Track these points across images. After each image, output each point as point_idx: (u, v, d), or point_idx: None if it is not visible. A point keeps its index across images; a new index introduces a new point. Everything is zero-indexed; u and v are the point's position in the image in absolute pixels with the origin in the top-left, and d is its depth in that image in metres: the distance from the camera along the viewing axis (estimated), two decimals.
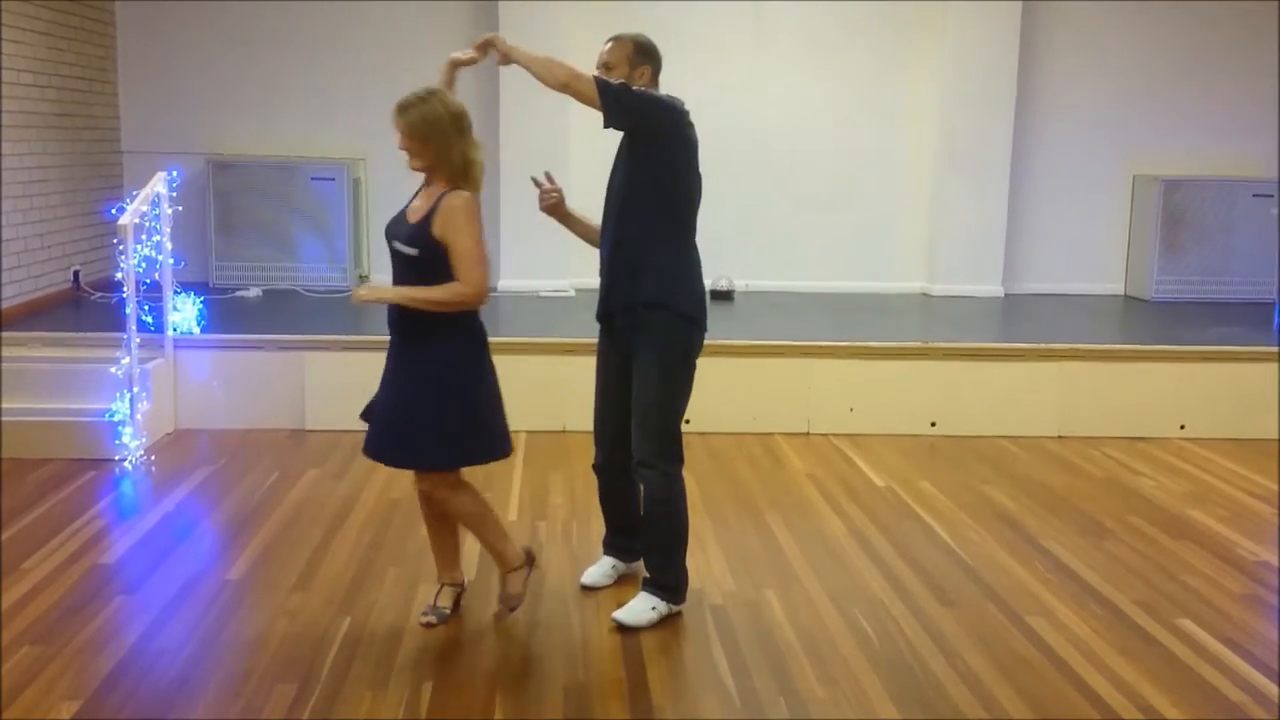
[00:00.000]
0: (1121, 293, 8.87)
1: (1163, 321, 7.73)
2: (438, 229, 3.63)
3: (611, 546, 4.38)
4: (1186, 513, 5.33)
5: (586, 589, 4.27)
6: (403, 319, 3.73)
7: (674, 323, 3.93)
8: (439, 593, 4.04)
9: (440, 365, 3.72)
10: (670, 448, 3.97)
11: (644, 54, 4.00)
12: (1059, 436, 6.58)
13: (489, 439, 3.81)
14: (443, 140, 3.64)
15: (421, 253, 3.66)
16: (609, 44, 4.02)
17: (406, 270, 3.71)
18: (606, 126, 3.87)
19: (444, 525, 4.03)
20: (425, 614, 3.97)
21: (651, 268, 3.91)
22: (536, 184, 4.14)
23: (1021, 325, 7.64)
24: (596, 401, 4.20)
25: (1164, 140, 8.74)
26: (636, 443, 3.97)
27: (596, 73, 3.90)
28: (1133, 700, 3.51)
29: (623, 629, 3.93)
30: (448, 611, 3.99)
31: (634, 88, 3.88)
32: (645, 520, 4.06)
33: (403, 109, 3.65)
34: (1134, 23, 8.64)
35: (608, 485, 4.28)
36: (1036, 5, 8.51)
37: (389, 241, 3.78)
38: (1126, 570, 4.60)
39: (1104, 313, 8.15)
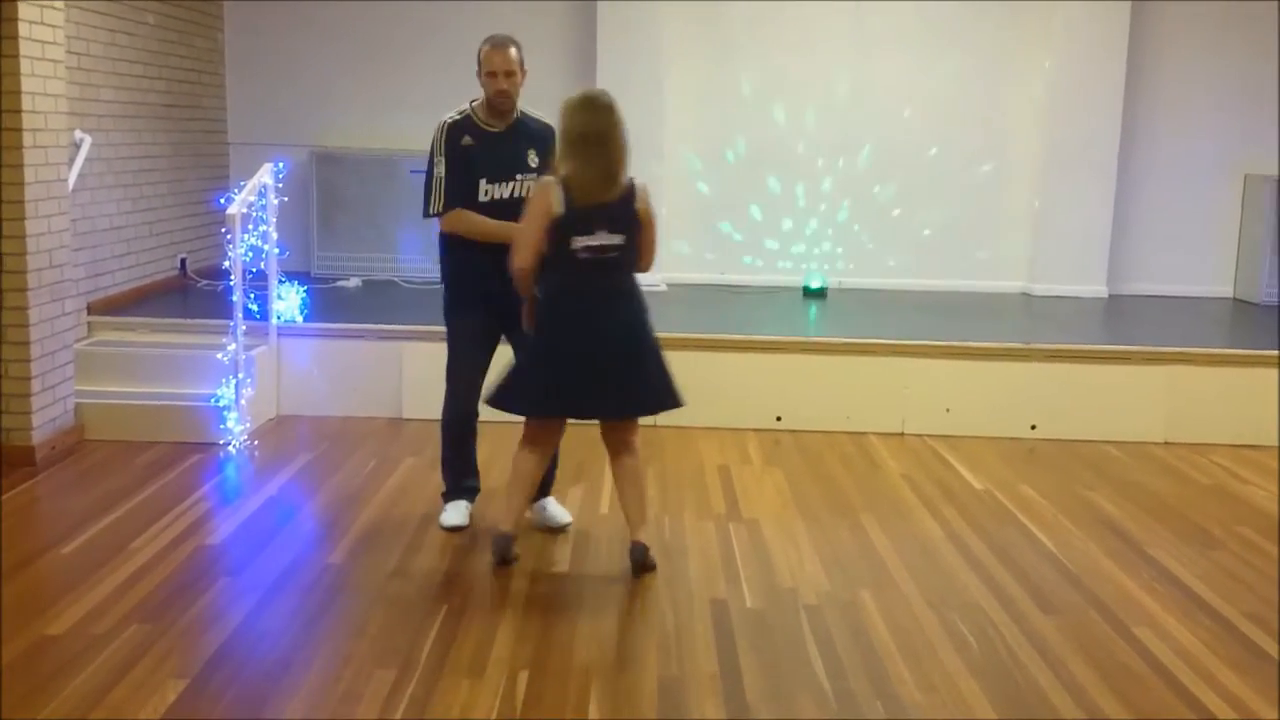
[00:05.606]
0: (1230, 295, 8.61)
1: (1273, 325, 7.46)
2: None
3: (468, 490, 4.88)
4: None
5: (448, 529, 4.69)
6: None
7: None
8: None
9: None
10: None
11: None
12: (1165, 442, 6.40)
13: None
14: None
15: None
16: (508, 49, 4.68)
17: None
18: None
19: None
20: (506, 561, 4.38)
21: None
22: None
23: (1127, 327, 7.46)
24: None
25: (1277, 137, 8.45)
26: None
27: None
28: (1244, 716, 3.41)
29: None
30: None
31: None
32: None
33: None
34: (1245, 17, 8.36)
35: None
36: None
37: None
38: (1236, 582, 4.46)
39: (1212, 315, 7.92)
